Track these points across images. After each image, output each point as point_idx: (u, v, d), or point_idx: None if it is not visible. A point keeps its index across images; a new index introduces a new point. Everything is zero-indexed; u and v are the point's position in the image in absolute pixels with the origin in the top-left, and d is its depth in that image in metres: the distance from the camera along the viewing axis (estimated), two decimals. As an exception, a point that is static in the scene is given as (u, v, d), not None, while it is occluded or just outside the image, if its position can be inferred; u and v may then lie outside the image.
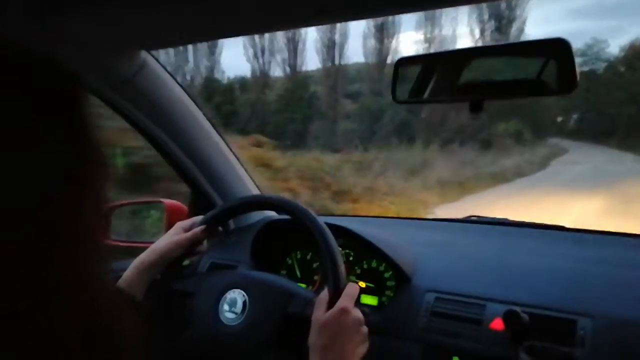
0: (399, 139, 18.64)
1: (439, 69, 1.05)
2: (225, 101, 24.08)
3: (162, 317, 1.00)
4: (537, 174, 16.67)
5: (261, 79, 27.00)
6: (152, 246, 1.00)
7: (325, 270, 0.88)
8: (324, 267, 0.88)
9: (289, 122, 23.38)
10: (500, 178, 15.06)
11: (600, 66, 28.24)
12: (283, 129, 22.55)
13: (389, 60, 25.66)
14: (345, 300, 0.83)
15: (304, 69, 27.04)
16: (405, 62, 1.07)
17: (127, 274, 0.96)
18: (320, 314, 0.82)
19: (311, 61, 44.77)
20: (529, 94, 1.04)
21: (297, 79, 26.21)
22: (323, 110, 24.88)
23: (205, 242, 1.08)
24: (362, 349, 0.83)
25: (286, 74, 26.91)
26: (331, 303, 0.83)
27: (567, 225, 1.34)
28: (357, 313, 0.83)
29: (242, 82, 27.67)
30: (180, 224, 1.06)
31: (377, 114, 22.00)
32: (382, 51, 25.88)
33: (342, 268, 0.88)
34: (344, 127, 22.97)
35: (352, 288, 0.86)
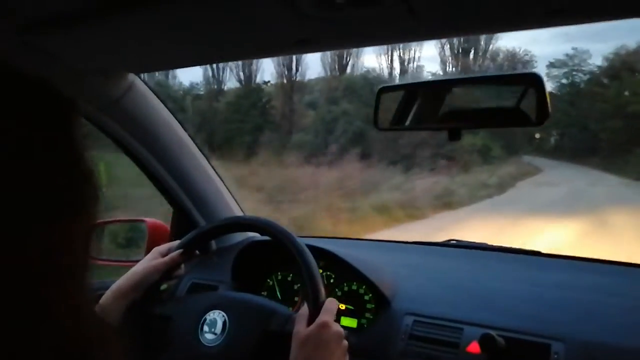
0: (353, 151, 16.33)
1: (419, 97, 1.09)
2: (176, 108, 23.22)
3: (140, 342, 0.99)
4: (494, 198, 13.97)
5: (214, 86, 26.21)
6: (130, 271, 1.01)
7: (304, 286, 0.89)
8: (303, 283, 0.90)
9: (237, 132, 22.25)
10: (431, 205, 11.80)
11: (582, 78, 27.12)
12: (231, 139, 21.42)
13: (348, 70, 25.48)
14: (326, 315, 0.85)
15: (259, 78, 26.25)
16: (386, 90, 1.11)
17: (103, 299, 0.96)
18: (300, 329, 0.83)
19: (268, 70, 41.31)
20: (504, 124, 1.08)
21: (251, 87, 25.09)
22: (277, 121, 23.69)
23: (182, 266, 1.08)
24: None
25: (241, 82, 26.21)
26: (311, 318, 0.84)
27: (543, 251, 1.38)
28: (338, 327, 0.85)
29: (195, 89, 26.74)
30: (158, 249, 1.06)
31: (331, 124, 20.86)
32: (342, 60, 25.60)
33: (321, 284, 0.89)
34: (297, 138, 21.58)
35: (332, 303, 0.88)
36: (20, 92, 0.40)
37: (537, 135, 25.13)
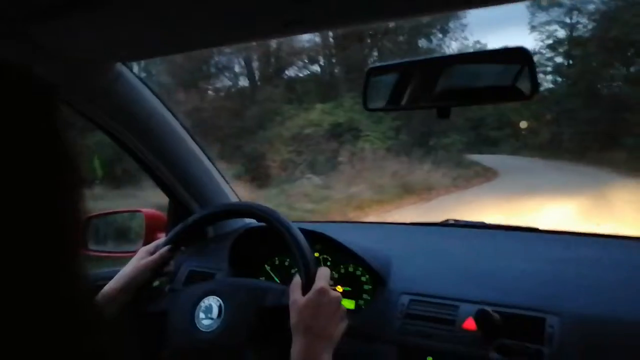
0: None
1: (409, 77, 1.08)
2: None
3: (137, 342, 1.00)
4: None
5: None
6: (118, 274, 1.01)
7: (294, 258, 0.91)
8: (293, 256, 0.91)
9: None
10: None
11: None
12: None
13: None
14: (321, 281, 0.86)
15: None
16: (376, 70, 1.10)
17: None
18: (297, 297, 0.85)
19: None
20: (496, 99, 1.07)
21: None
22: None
23: (172, 262, 1.09)
24: (342, 326, 0.87)
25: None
26: (305, 286, 0.86)
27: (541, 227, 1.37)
28: (335, 292, 0.87)
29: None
30: (144, 249, 1.07)
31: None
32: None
33: (312, 255, 0.91)
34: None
35: (324, 270, 0.90)
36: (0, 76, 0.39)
37: (524, 125, 20.25)
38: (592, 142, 17.44)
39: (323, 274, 0.88)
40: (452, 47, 18.72)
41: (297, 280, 0.88)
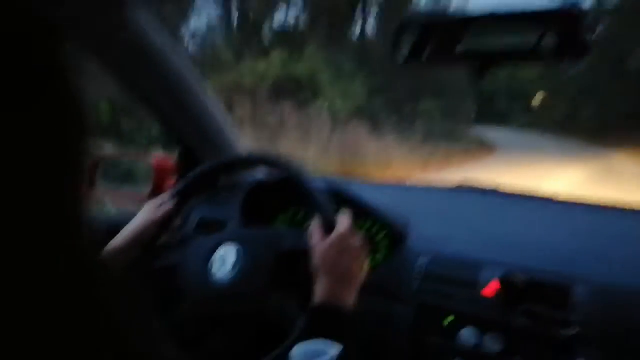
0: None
1: (443, 31, 1.02)
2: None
3: (147, 299, 0.96)
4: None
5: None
6: (124, 230, 0.97)
7: (313, 204, 0.89)
8: (311, 203, 0.89)
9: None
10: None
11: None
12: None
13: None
14: (343, 224, 0.85)
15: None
16: (409, 22, 1.03)
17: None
18: (319, 239, 0.84)
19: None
20: (535, 59, 1.02)
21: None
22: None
23: (180, 216, 1.06)
24: (366, 267, 0.86)
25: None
26: (326, 228, 0.85)
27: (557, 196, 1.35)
28: (357, 236, 0.85)
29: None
30: (152, 203, 1.03)
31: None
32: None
33: (330, 198, 0.89)
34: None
35: (345, 215, 0.88)
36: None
37: (539, 98, 17.84)
38: (615, 122, 15.04)
39: (344, 217, 0.87)
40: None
41: (317, 223, 0.87)
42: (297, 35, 14.41)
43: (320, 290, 0.78)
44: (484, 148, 13.27)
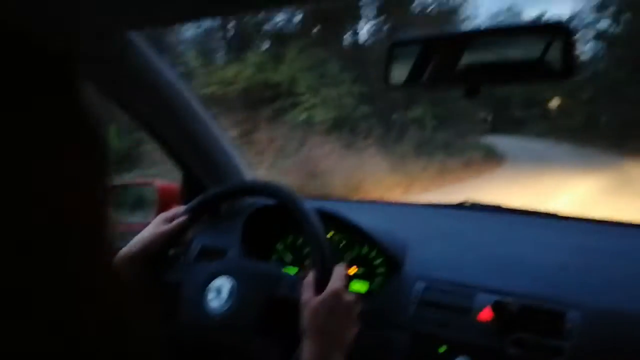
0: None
1: (435, 52, 1.02)
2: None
3: (154, 308, 0.99)
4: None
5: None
6: (137, 238, 0.99)
7: (311, 252, 0.88)
8: (310, 247, 0.89)
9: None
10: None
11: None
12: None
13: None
14: (337, 282, 0.83)
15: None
16: (399, 44, 1.04)
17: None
18: (309, 296, 0.82)
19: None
20: (528, 78, 1.01)
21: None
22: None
23: (190, 231, 1.07)
24: (355, 331, 0.84)
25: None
26: (319, 284, 0.83)
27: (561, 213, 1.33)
28: (350, 295, 0.84)
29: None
30: (163, 215, 1.05)
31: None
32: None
33: (328, 250, 0.87)
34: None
35: (340, 269, 0.86)
36: (20, 46, 0.36)
37: (555, 104, 16.15)
38: (633, 129, 14.01)
39: (339, 274, 0.84)
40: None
41: (311, 276, 0.85)
42: (285, 36, 13.39)
43: (307, 352, 0.78)
44: (491, 159, 12.13)
